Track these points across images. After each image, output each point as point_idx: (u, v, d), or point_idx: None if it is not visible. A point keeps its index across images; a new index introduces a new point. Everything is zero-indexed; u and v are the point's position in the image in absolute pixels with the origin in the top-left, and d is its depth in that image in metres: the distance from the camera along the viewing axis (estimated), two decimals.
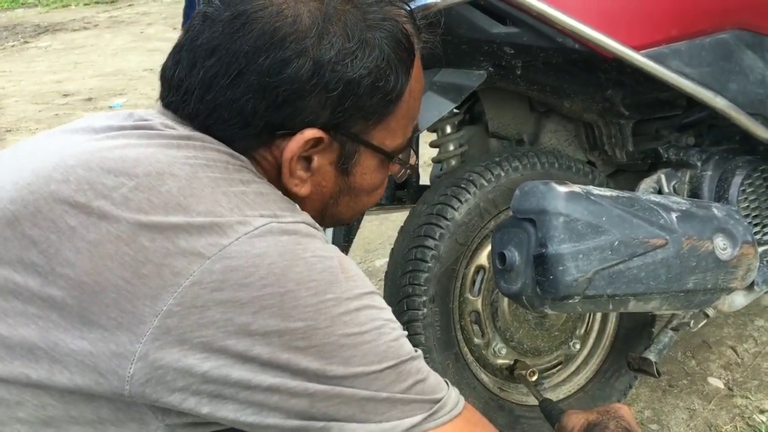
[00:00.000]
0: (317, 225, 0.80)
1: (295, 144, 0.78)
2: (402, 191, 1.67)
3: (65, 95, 5.05)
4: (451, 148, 1.47)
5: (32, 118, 4.44)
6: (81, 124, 0.85)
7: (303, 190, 0.83)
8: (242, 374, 0.69)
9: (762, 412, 1.62)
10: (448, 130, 1.46)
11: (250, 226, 0.71)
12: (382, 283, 1.40)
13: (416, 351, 0.78)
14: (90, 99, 4.92)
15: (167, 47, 0.86)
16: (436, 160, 1.52)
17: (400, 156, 0.89)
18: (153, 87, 5.14)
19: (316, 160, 0.81)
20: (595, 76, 1.35)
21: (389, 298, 1.35)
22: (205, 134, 0.80)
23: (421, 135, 1.47)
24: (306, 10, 0.77)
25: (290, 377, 0.70)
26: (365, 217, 1.40)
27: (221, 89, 0.77)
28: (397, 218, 1.45)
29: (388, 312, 0.77)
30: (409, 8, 0.84)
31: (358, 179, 0.86)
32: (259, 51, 0.75)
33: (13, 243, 0.72)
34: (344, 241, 1.27)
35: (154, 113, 0.84)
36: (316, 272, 0.72)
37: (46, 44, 6.70)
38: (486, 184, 1.34)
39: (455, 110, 1.45)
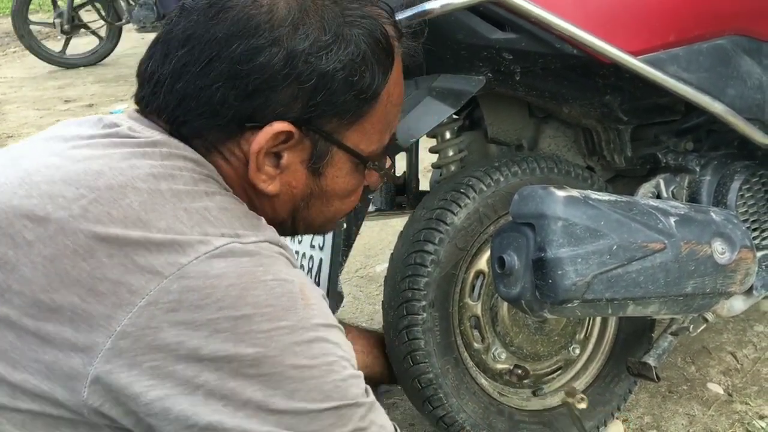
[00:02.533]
0: (283, 243, 0.77)
1: (263, 136, 0.76)
2: (402, 197, 1.67)
3: (66, 101, 5.07)
4: (451, 153, 1.47)
5: (33, 123, 4.45)
6: (55, 131, 0.84)
7: (271, 187, 0.80)
8: (183, 408, 0.67)
9: (762, 417, 1.62)
10: (448, 135, 1.47)
11: (211, 246, 0.69)
12: (382, 288, 1.41)
13: (367, 397, 0.75)
14: (91, 105, 4.93)
15: None
16: (435, 166, 1.52)
17: (376, 163, 0.87)
18: None
19: (286, 157, 0.79)
20: (593, 82, 1.36)
21: (389, 302, 1.35)
22: (172, 135, 0.78)
23: (420, 140, 1.48)
24: (283, 0, 0.76)
25: (230, 413, 0.68)
26: (365, 223, 1.40)
27: (191, 77, 0.75)
28: (397, 224, 1.46)
29: (343, 348, 0.75)
30: (390, 9, 0.83)
31: (330, 182, 0.84)
32: (232, 38, 0.74)
33: None
34: (344, 246, 1.27)
35: (123, 117, 0.82)
36: (274, 297, 0.70)
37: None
38: (485, 189, 1.35)
39: (455, 116, 1.46)
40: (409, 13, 1.12)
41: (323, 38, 0.76)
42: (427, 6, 1.13)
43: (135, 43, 6.03)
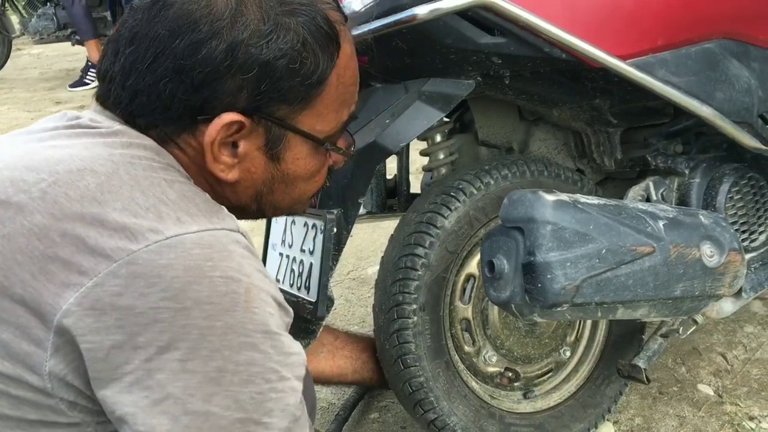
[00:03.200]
0: (243, 232, 0.77)
1: (213, 128, 0.78)
2: (393, 199, 1.68)
3: (57, 103, 5.05)
4: (441, 156, 1.47)
5: (24, 125, 4.42)
6: (22, 130, 0.87)
7: (230, 175, 0.82)
8: (107, 393, 0.68)
9: (751, 418, 1.63)
10: (438, 138, 1.47)
11: (162, 235, 0.69)
12: (374, 291, 1.41)
13: (283, 417, 0.72)
14: (82, 107, 4.92)
15: None
16: (426, 169, 1.53)
17: (334, 144, 0.88)
18: None
19: (242, 146, 0.80)
20: (582, 85, 1.36)
21: (379, 306, 1.35)
22: (130, 126, 0.80)
23: (411, 143, 1.48)
24: None
25: (148, 406, 0.67)
26: (357, 225, 1.40)
27: (140, 74, 0.77)
28: (388, 226, 1.46)
29: (274, 360, 0.72)
30: None
31: (290, 166, 0.85)
32: (174, 34, 0.76)
33: None
34: (334, 250, 1.27)
35: (86, 111, 0.84)
36: (216, 295, 0.69)
37: (38, 51, 6.70)
38: (476, 192, 1.35)
39: (445, 119, 1.46)
40: (395, 18, 1.12)
41: (262, 28, 0.77)
42: (415, 10, 1.13)
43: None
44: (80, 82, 5.30)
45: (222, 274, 0.70)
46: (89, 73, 5.29)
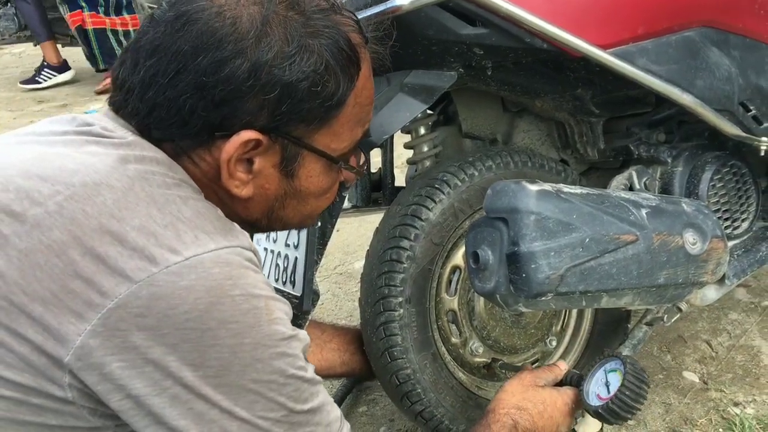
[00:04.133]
0: (254, 249, 0.80)
1: (231, 145, 0.78)
2: (377, 193, 1.67)
3: (40, 102, 5.00)
4: (426, 149, 1.47)
5: (7, 125, 4.39)
6: (27, 129, 0.86)
7: (244, 192, 0.83)
8: (152, 405, 0.71)
9: (736, 404, 1.65)
10: (422, 131, 1.47)
11: (181, 256, 0.71)
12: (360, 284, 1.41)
13: (315, 399, 0.81)
14: (65, 105, 4.88)
15: None
16: (410, 162, 1.53)
17: (347, 161, 0.89)
18: None
19: (258, 163, 0.81)
20: (564, 75, 1.36)
21: (365, 299, 1.35)
22: (144, 137, 0.80)
23: (395, 136, 1.48)
24: (246, 13, 0.78)
25: (195, 417, 0.72)
26: (343, 219, 1.40)
27: (160, 88, 0.77)
28: (375, 220, 1.45)
29: (300, 358, 0.79)
30: (355, 18, 0.85)
31: (303, 182, 0.86)
32: (197, 51, 0.76)
33: None
34: (319, 244, 1.27)
35: (97, 116, 0.84)
36: (239, 313, 0.72)
37: (20, 50, 6.63)
38: (460, 184, 1.35)
39: (429, 111, 1.46)
40: (379, 9, 1.12)
41: (286, 50, 0.77)
42: (397, 2, 1.12)
43: None
44: (32, 80, 5.26)
45: (242, 292, 0.73)
46: (43, 73, 5.24)
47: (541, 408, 1.17)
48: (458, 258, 1.41)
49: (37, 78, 5.27)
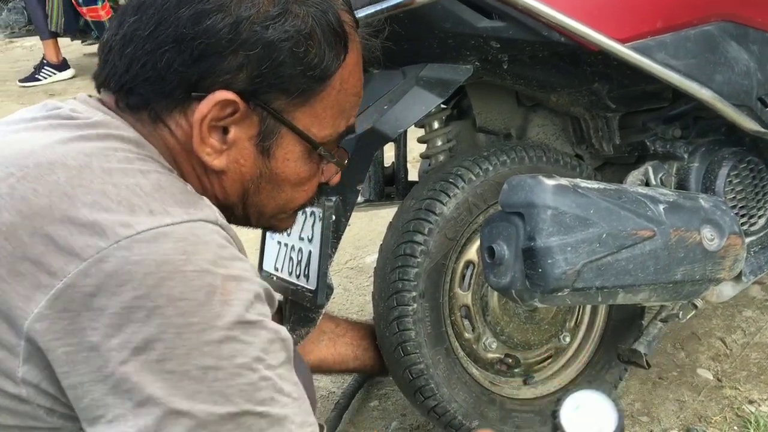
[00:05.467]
0: (222, 223, 0.75)
1: (206, 105, 0.75)
2: (390, 187, 1.67)
3: (51, 95, 5.02)
4: (439, 143, 1.47)
5: None
6: (5, 119, 0.83)
7: (216, 161, 0.79)
8: (93, 398, 0.65)
9: (751, 402, 1.63)
10: (436, 125, 1.46)
11: (132, 230, 0.66)
12: (372, 279, 1.40)
13: (278, 405, 0.70)
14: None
15: None
16: (424, 156, 1.52)
17: (327, 151, 0.85)
18: None
19: (233, 132, 0.78)
20: (581, 70, 1.35)
21: (379, 293, 1.35)
22: (118, 113, 0.78)
23: (408, 130, 1.47)
24: None
25: (132, 409, 0.65)
26: (355, 214, 1.39)
27: (140, 41, 0.76)
28: (386, 215, 1.45)
29: (258, 349, 0.69)
30: (347, 0, 0.84)
31: (280, 164, 0.82)
32: (180, 3, 0.75)
33: None
34: (333, 237, 1.26)
35: (70, 100, 0.82)
36: (190, 290, 0.66)
37: (31, 44, 6.66)
38: (474, 178, 1.34)
39: (443, 105, 1.45)
40: (395, 1, 1.11)
41: (271, 10, 0.76)
42: None
43: None
44: (32, 78, 5.27)
45: (196, 268, 0.67)
46: (43, 71, 5.26)
47: None
48: (472, 253, 1.40)
49: (36, 76, 5.29)
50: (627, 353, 1.46)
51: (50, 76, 5.26)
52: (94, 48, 5.20)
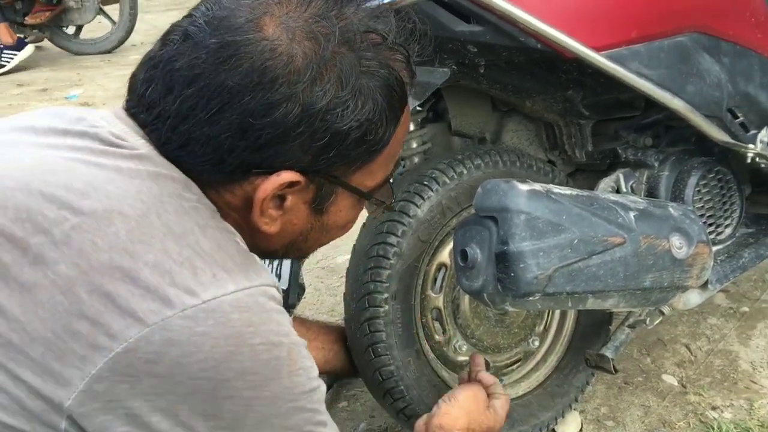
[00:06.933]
0: (276, 285, 0.74)
1: (270, 186, 0.73)
2: None
3: (19, 85, 4.93)
4: (414, 145, 1.47)
5: None
6: (23, 121, 0.79)
7: (272, 228, 0.78)
8: None
9: (714, 408, 1.66)
10: (412, 127, 1.46)
11: (198, 299, 0.65)
12: (344, 279, 1.40)
13: None
14: (45, 90, 4.81)
15: None
16: (399, 158, 1.52)
17: (379, 198, 0.86)
18: (109, 77, 5.04)
19: (290, 200, 0.77)
20: (556, 76, 1.36)
21: (351, 294, 1.34)
22: (159, 153, 0.74)
23: None
24: (300, 50, 0.71)
25: None
26: None
27: (198, 122, 0.71)
28: (360, 215, 1.44)
29: (320, 413, 0.74)
30: (406, 53, 0.79)
31: (332, 217, 0.83)
32: (245, 89, 0.69)
33: None
34: None
35: (106, 116, 0.77)
36: (259, 364, 0.67)
37: None
38: (448, 181, 1.35)
39: (418, 107, 1.45)
40: (377, 2, 1.10)
41: (341, 94, 0.72)
42: None
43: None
44: None
45: (263, 341, 0.67)
46: (3, 55, 5.21)
47: (485, 429, 1.21)
48: (445, 255, 1.40)
49: None
50: (595, 358, 1.47)
51: (13, 57, 5.21)
52: None
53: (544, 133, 1.61)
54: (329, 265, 2.39)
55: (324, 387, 0.76)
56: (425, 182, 1.34)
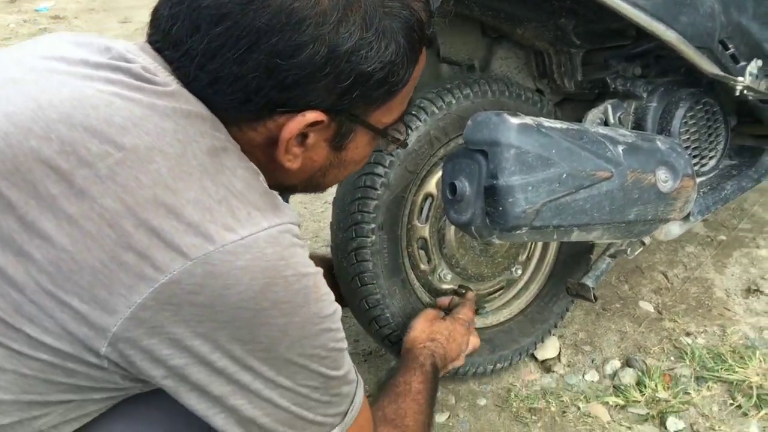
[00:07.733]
0: (297, 221, 0.79)
1: (295, 125, 0.76)
2: None
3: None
4: None
5: None
6: (51, 49, 0.79)
7: (294, 165, 0.82)
8: (199, 378, 0.72)
9: (688, 334, 1.71)
10: None
11: (237, 235, 0.69)
12: (328, 206, 1.40)
13: (352, 374, 0.85)
14: (13, 1, 4.62)
15: None
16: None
17: (395, 135, 0.89)
18: None
19: (312, 138, 0.80)
20: (549, 4, 1.33)
21: (338, 224, 1.35)
22: (187, 90, 0.76)
23: None
24: None
25: (238, 389, 0.74)
26: None
27: (226, 62, 0.73)
28: None
29: (341, 331, 0.81)
30: None
31: (350, 153, 0.86)
32: (273, 30, 0.71)
33: None
34: None
35: (134, 50, 0.78)
36: (291, 293, 0.72)
37: None
38: (437, 111, 1.33)
39: None
40: None
41: (365, 35, 0.74)
42: None
43: None
44: None
45: (294, 272, 0.72)
46: None
47: (447, 334, 1.32)
48: (431, 186, 1.40)
49: None
50: (576, 287, 1.50)
51: None
52: None
53: (533, 61, 1.59)
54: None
55: (340, 309, 0.82)
56: (413, 112, 1.32)
